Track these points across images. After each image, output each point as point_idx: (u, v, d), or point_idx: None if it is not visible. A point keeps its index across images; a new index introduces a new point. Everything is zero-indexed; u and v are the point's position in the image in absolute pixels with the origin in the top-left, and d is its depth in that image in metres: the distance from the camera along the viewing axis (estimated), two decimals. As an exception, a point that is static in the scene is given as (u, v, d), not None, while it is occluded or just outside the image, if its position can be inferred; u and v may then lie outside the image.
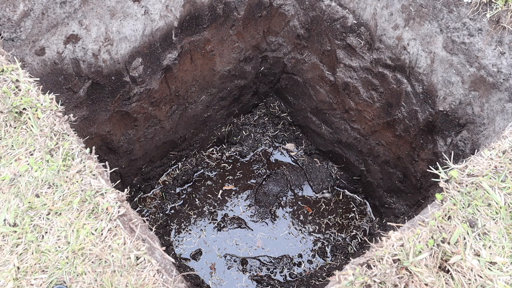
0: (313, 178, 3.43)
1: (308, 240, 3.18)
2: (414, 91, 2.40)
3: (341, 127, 3.13)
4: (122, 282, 1.34)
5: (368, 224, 3.26)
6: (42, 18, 1.96)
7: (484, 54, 2.01)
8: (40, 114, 1.60)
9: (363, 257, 1.41)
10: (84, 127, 2.40)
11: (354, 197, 3.39)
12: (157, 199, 3.29)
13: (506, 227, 1.42)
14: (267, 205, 3.30)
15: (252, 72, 3.20)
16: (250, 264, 3.05)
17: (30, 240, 1.38)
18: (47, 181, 1.47)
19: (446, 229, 1.43)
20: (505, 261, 1.36)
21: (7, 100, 1.58)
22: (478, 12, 2.01)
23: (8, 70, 1.67)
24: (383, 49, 2.45)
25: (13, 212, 1.41)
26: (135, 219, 1.47)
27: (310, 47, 2.93)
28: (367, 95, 2.74)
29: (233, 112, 3.47)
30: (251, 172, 3.46)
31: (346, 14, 2.53)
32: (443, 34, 2.14)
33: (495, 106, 2.02)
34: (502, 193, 1.49)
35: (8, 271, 1.33)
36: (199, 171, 3.44)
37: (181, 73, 2.72)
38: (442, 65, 2.19)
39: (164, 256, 1.48)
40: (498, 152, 1.60)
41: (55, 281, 1.33)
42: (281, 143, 3.61)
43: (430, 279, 1.32)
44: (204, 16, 2.53)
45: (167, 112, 2.87)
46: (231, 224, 3.22)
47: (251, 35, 2.91)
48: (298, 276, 3.02)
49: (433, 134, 2.41)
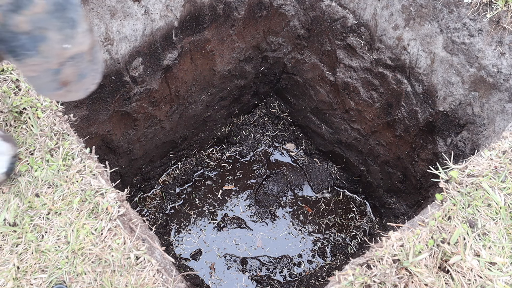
0: (313, 178, 3.43)
1: (308, 240, 3.18)
2: (414, 91, 2.40)
3: (341, 127, 3.13)
4: (122, 282, 1.34)
5: (368, 224, 3.26)
6: (42, 18, 1.96)
7: (484, 54, 2.01)
8: (40, 114, 1.60)
9: (363, 257, 1.41)
10: (84, 127, 2.40)
11: (354, 197, 3.39)
12: (157, 199, 3.29)
13: (506, 228, 1.42)
14: (267, 205, 3.30)
15: (252, 72, 3.20)
16: (250, 264, 3.05)
17: (30, 239, 1.38)
18: (47, 181, 1.47)
19: (446, 229, 1.43)
20: (505, 262, 1.36)
21: (7, 100, 1.58)
22: (478, 12, 2.01)
23: (8, 70, 1.67)
24: (383, 49, 2.45)
25: (13, 211, 1.41)
26: (135, 219, 1.48)
27: (310, 47, 2.93)
28: (367, 95, 2.74)
29: (233, 112, 3.47)
30: (251, 172, 3.46)
31: (346, 14, 2.53)
32: (443, 35, 2.14)
33: (495, 106, 2.02)
34: (502, 193, 1.49)
35: (8, 270, 1.33)
36: (199, 171, 3.44)
37: (181, 73, 2.72)
38: (442, 65, 2.19)
39: (164, 256, 1.48)
40: (498, 152, 1.60)
41: (55, 280, 1.33)
42: (281, 143, 3.61)
43: (430, 280, 1.32)
44: (204, 16, 2.53)
45: (167, 112, 2.87)
46: (231, 224, 3.22)
47: (251, 35, 2.91)
48: (298, 276, 3.02)
49: (433, 135, 2.41)
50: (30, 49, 0.85)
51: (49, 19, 0.84)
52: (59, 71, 0.92)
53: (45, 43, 0.86)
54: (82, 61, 0.95)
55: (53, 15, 0.84)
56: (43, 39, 0.85)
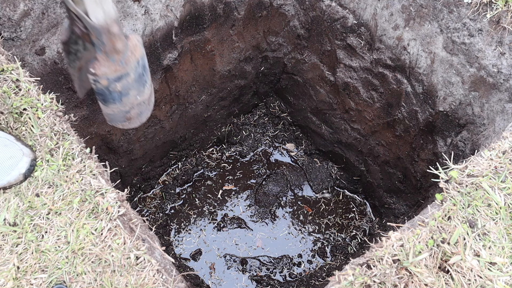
0: (313, 178, 3.43)
1: (308, 240, 3.18)
2: (414, 91, 2.40)
3: (341, 127, 3.13)
4: (122, 282, 1.34)
5: (368, 224, 3.26)
6: (42, 18, 1.96)
7: (484, 54, 2.02)
8: (41, 114, 1.60)
9: (363, 257, 1.41)
10: (84, 127, 2.41)
11: (354, 197, 3.39)
12: (157, 199, 3.29)
13: (506, 228, 1.42)
14: (267, 205, 3.30)
15: (252, 72, 3.20)
16: (249, 264, 3.05)
17: (30, 239, 1.38)
18: (47, 181, 1.47)
19: (446, 229, 1.43)
20: (505, 262, 1.36)
21: (7, 101, 1.58)
22: (478, 12, 2.01)
23: (8, 70, 1.67)
24: (383, 49, 2.45)
25: (13, 211, 1.41)
26: (135, 219, 1.48)
27: (310, 47, 2.93)
28: (367, 95, 2.74)
29: (233, 112, 3.47)
30: (251, 172, 3.46)
31: (346, 14, 2.53)
32: (443, 35, 2.14)
33: (495, 106, 2.02)
34: (502, 193, 1.49)
35: (8, 270, 1.33)
36: (199, 171, 3.44)
37: (181, 73, 2.72)
38: (442, 66, 2.19)
39: (164, 256, 1.48)
40: (498, 152, 1.60)
41: (55, 280, 1.33)
42: (281, 143, 3.61)
43: (430, 280, 1.32)
44: (204, 16, 2.53)
45: (167, 112, 2.87)
46: (231, 224, 3.22)
47: (251, 35, 2.91)
48: (298, 276, 3.02)
49: (433, 135, 2.41)
50: (117, 100, 1.27)
51: (134, 84, 1.26)
52: (129, 112, 1.34)
53: (127, 97, 1.28)
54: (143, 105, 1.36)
55: (136, 81, 1.26)
56: (126, 94, 1.27)
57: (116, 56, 1.15)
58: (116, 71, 1.18)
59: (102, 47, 1.11)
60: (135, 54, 1.20)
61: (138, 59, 1.22)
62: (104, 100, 1.27)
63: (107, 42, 1.10)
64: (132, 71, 1.22)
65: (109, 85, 1.20)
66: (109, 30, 1.08)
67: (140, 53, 1.23)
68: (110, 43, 1.11)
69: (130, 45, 1.19)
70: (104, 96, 1.25)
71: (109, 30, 1.08)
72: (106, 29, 1.08)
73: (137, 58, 1.22)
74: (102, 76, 1.17)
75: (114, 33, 1.09)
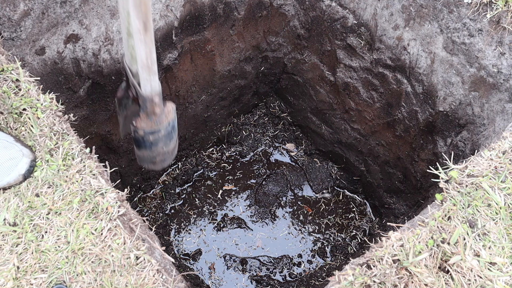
0: (313, 178, 3.43)
1: (308, 240, 3.18)
2: (414, 92, 2.40)
3: (341, 127, 3.13)
4: (122, 282, 1.34)
5: (368, 224, 3.26)
6: (42, 18, 1.96)
7: (484, 54, 2.02)
8: (40, 114, 1.60)
9: (363, 257, 1.41)
10: (84, 127, 2.41)
11: (354, 197, 3.39)
12: (157, 199, 3.29)
13: (506, 228, 1.42)
14: (267, 205, 3.30)
15: (252, 72, 3.20)
16: (249, 264, 3.05)
17: (30, 239, 1.38)
18: (47, 181, 1.47)
19: (446, 229, 1.43)
20: (505, 262, 1.36)
21: (7, 101, 1.58)
22: (479, 12, 2.01)
23: (8, 70, 1.67)
24: (383, 49, 2.45)
25: (13, 211, 1.41)
26: (135, 219, 1.48)
27: (310, 47, 2.93)
28: (367, 95, 2.74)
29: (233, 112, 3.47)
30: (251, 172, 3.46)
31: (347, 14, 2.53)
32: (443, 35, 2.14)
33: (495, 106, 2.03)
34: (502, 193, 1.49)
35: (8, 270, 1.33)
36: (199, 171, 3.44)
37: (181, 73, 2.72)
38: (442, 66, 2.19)
39: (164, 256, 1.48)
40: (498, 152, 1.60)
41: (55, 280, 1.33)
42: (281, 143, 3.61)
43: (430, 280, 1.32)
44: (204, 16, 2.53)
45: (167, 112, 2.87)
46: (231, 224, 3.22)
47: (251, 35, 2.91)
48: (298, 276, 3.02)
49: (433, 135, 2.41)
50: (147, 148, 1.61)
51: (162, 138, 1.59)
52: (155, 157, 1.67)
53: (156, 147, 1.61)
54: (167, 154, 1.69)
55: (165, 136, 1.59)
56: (156, 145, 1.60)
57: (154, 117, 1.50)
58: (151, 127, 1.53)
59: (144, 109, 1.47)
60: (167, 118, 1.55)
61: (170, 121, 1.57)
62: (138, 146, 1.63)
63: (149, 107, 1.45)
64: (163, 129, 1.56)
65: (144, 136, 1.55)
66: (152, 99, 1.43)
67: (172, 117, 1.58)
68: (151, 108, 1.46)
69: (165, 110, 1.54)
70: (139, 142, 1.60)
71: (152, 99, 1.43)
72: (151, 99, 1.43)
73: (169, 121, 1.57)
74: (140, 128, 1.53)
75: (155, 102, 1.44)
